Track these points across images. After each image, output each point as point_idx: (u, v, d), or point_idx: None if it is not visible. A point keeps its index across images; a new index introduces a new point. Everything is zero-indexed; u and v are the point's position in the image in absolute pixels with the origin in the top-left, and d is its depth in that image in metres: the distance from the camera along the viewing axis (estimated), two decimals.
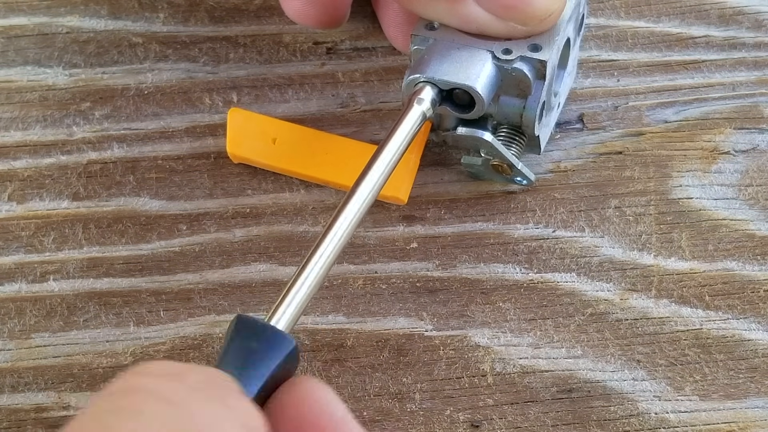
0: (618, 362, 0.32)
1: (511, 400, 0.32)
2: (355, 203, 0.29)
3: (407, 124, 0.31)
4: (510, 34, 0.31)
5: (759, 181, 0.35)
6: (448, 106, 0.32)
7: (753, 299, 0.33)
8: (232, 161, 0.36)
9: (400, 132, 0.30)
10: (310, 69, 0.38)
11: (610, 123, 0.37)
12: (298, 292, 0.27)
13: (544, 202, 0.35)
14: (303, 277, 0.27)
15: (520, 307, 0.33)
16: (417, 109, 0.31)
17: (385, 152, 0.30)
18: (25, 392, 0.33)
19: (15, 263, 0.35)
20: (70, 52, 0.39)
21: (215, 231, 0.35)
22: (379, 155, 0.30)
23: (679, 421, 0.31)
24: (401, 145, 0.30)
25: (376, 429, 0.32)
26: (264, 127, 0.36)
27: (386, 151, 0.30)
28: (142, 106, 0.38)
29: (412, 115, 0.31)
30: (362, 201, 0.29)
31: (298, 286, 0.27)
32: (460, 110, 0.32)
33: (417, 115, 0.31)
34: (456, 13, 0.31)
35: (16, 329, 0.34)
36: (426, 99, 0.31)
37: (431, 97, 0.31)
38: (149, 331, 0.34)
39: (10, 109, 0.38)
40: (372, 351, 0.33)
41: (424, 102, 0.31)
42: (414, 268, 0.34)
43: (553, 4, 0.31)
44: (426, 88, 0.31)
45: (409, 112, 0.31)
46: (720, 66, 0.38)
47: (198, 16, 0.40)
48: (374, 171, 0.29)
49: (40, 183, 0.36)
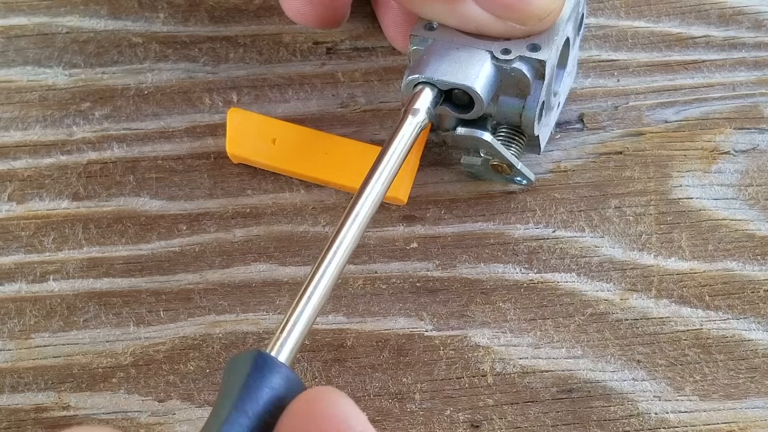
0: (618, 362, 0.32)
1: (511, 400, 0.32)
2: (352, 227, 0.28)
3: (401, 137, 0.30)
4: (509, 33, 0.31)
5: (759, 181, 0.35)
6: (447, 107, 0.32)
7: (753, 299, 0.33)
8: (232, 161, 0.36)
9: (395, 145, 0.30)
10: (310, 69, 0.38)
11: (610, 123, 0.37)
12: (297, 322, 0.26)
13: (544, 202, 0.35)
14: (299, 309, 0.26)
15: (520, 307, 0.33)
16: (411, 121, 0.31)
17: (380, 168, 0.29)
18: (25, 392, 0.33)
19: (15, 263, 0.35)
20: (70, 52, 0.39)
21: (215, 231, 0.35)
22: (374, 172, 0.29)
23: (679, 421, 0.31)
24: (397, 158, 0.30)
25: (376, 429, 0.32)
26: (264, 127, 0.36)
27: (380, 167, 0.29)
28: (142, 106, 0.38)
29: (406, 128, 0.31)
30: (359, 222, 0.28)
31: (296, 316, 0.26)
32: (459, 110, 0.32)
33: (411, 128, 0.31)
34: (455, 13, 0.31)
35: (16, 329, 0.34)
36: (421, 109, 0.31)
37: (428, 104, 0.31)
38: (149, 331, 0.34)
39: (10, 109, 0.38)
40: (372, 351, 0.33)
41: (419, 113, 0.31)
42: (414, 268, 0.34)
43: (552, 4, 0.31)
44: (424, 92, 0.31)
45: (403, 125, 0.31)
46: (720, 66, 0.38)
47: (198, 16, 0.40)
48: (369, 188, 0.29)
49: (40, 183, 0.36)
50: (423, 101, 0.31)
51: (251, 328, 0.33)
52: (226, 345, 0.33)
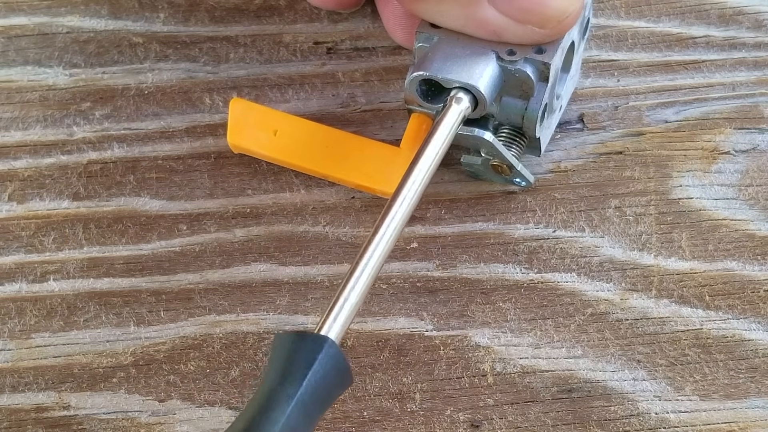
0: (618, 362, 0.32)
1: (512, 400, 0.32)
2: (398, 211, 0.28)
3: (446, 124, 0.30)
4: (528, 37, 0.31)
5: (759, 181, 0.35)
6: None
7: (753, 299, 0.33)
8: (233, 152, 0.36)
9: (442, 129, 0.30)
10: (310, 69, 0.38)
11: (610, 123, 0.37)
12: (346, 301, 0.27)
13: (545, 202, 0.35)
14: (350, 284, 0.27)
15: (521, 307, 0.33)
16: (456, 108, 0.31)
17: (425, 157, 0.29)
18: (25, 392, 0.33)
19: (15, 263, 0.35)
20: (71, 52, 0.39)
21: (215, 231, 0.35)
22: (418, 160, 0.29)
23: (679, 421, 0.31)
24: (443, 141, 0.30)
25: (376, 429, 0.32)
26: (265, 118, 0.36)
27: (425, 155, 0.30)
28: (143, 106, 0.38)
29: (451, 115, 0.31)
30: (406, 207, 0.28)
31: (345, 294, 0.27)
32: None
33: (456, 115, 0.31)
34: (471, 18, 0.31)
35: (17, 329, 0.34)
36: (464, 98, 0.31)
37: (469, 97, 0.31)
38: (149, 331, 0.34)
39: (11, 109, 0.38)
40: (372, 351, 0.33)
41: (462, 101, 0.31)
42: (414, 268, 0.34)
43: (571, 6, 0.30)
44: (460, 92, 0.31)
45: (448, 113, 0.31)
46: (720, 66, 0.38)
47: (198, 16, 0.40)
48: (416, 173, 0.29)
49: (40, 183, 0.36)
50: (464, 95, 0.31)
51: (251, 328, 0.33)
52: (226, 345, 0.33)
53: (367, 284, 0.27)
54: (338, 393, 0.26)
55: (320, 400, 0.25)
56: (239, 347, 0.33)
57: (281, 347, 0.25)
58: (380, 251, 0.27)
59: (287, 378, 0.24)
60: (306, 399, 0.24)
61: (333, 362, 0.25)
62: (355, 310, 0.27)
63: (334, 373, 0.25)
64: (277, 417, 0.24)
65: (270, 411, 0.24)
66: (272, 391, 0.24)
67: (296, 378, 0.24)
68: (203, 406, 0.32)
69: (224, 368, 0.33)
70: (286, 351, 0.25)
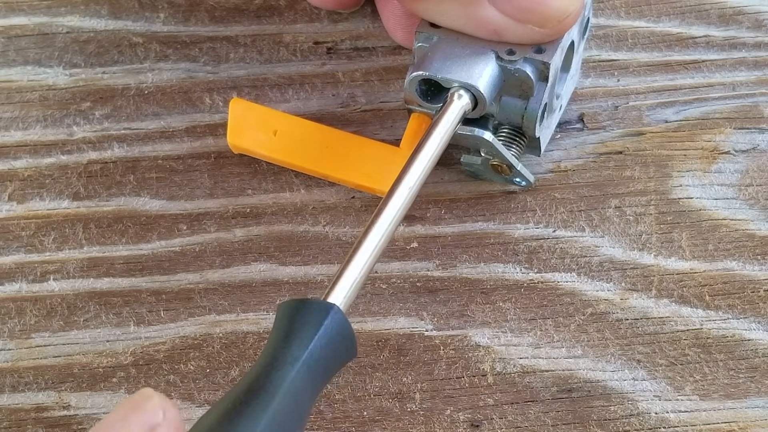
0: (618, 362, 0.32)
1: (512, 400, 0.32)
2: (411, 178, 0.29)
3: (448, 116, 0.31)
4: (528, 37, 0.31)
5: (759, 181, 0.35)
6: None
7: (753, 299, 0.33)
8: (233, 152, 0.36)
9: (444, 121, 0.30)
10: (310, 69, 0.38)
11: (610, 123, 0.37)
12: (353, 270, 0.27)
13: (545, 201, 0.35)
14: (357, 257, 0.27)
15: (521, 306, 0.33)
16: (457, 103, 0.31)
17: (425, 149, 0.30)
18: (25, 392, 0.33)
19: (15, 263, 0.35)
20: (71, 51, 0.39)
21: (215, 231, 0.35)
22: (418, 153, 0.30)
23: (679, 421, 0.31)
24: (445, 132, 0.30)
25: (376, 429, 0.32)
26: (265, 118, 0.36)
27: (426, 148, 0.30)
28: (143, 105, 0.38)
29: (452, 109, 0.31)
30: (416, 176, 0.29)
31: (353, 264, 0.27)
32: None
33: (457, 110, 0.31)
34: (471, 17, 0.31)
35: (17, 329, 0.34)
36: (465, 95, 0.31)
37: (470, 95, 0.31)
38: (149, 331, 0.34)
39: (11, 109, 0.38)
40: (372, 351, 0.33)
41: (463, 97, 0.31)
42: (414, 268, 0.34)
43: (571, 5, 0.30)
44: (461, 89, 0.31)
45: (450, 107, 0.31)
46: (720, 66, 0.38)
47: (198, 16, 0.40)
48: (418, 163, 0.29)
49: (40, 183, 0.36)
50: (464, 92, 0.31)
51: (251, 328, 0.33)
52: (226, 345, 0.33)
53: (376, 254, 0.27)
54: (342, 363, 0.26)
55: (325, 365, 0.24)
56: (239, 347, 0.33)
57: (287, 313, 0.25)
58: (391, 219, 0.28)
59: (293, 340, 0.24)
60: (311, 363, 0.24)
61: (339, 328, 0.25)
62: (363, 279, 0.27)
63: (339, 340, 0.25)
64: (283, 377, 0.23)
65: (274, 371, 0.23)
66: (276, 351, 0.24)
67: (303, 341, 0.24)
68: (203, 406, 0.32)
69: (224, 368, 0.33)
70: (292, 316, 0.25)
